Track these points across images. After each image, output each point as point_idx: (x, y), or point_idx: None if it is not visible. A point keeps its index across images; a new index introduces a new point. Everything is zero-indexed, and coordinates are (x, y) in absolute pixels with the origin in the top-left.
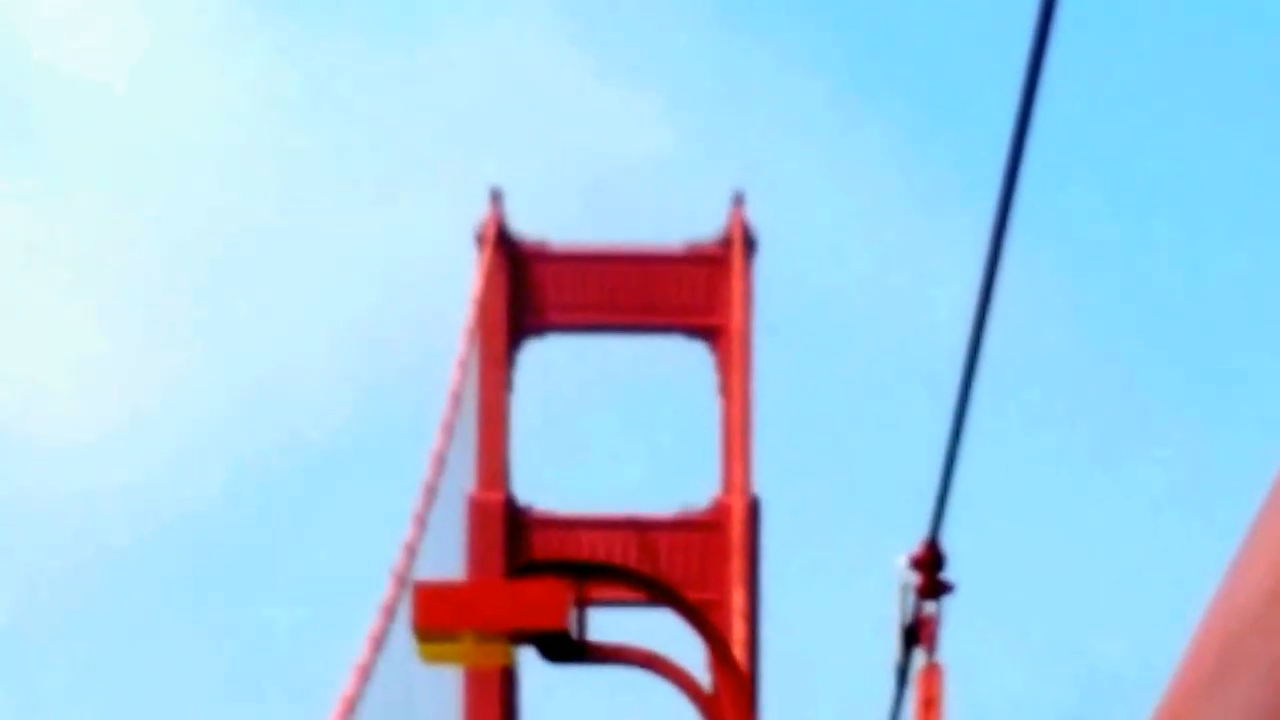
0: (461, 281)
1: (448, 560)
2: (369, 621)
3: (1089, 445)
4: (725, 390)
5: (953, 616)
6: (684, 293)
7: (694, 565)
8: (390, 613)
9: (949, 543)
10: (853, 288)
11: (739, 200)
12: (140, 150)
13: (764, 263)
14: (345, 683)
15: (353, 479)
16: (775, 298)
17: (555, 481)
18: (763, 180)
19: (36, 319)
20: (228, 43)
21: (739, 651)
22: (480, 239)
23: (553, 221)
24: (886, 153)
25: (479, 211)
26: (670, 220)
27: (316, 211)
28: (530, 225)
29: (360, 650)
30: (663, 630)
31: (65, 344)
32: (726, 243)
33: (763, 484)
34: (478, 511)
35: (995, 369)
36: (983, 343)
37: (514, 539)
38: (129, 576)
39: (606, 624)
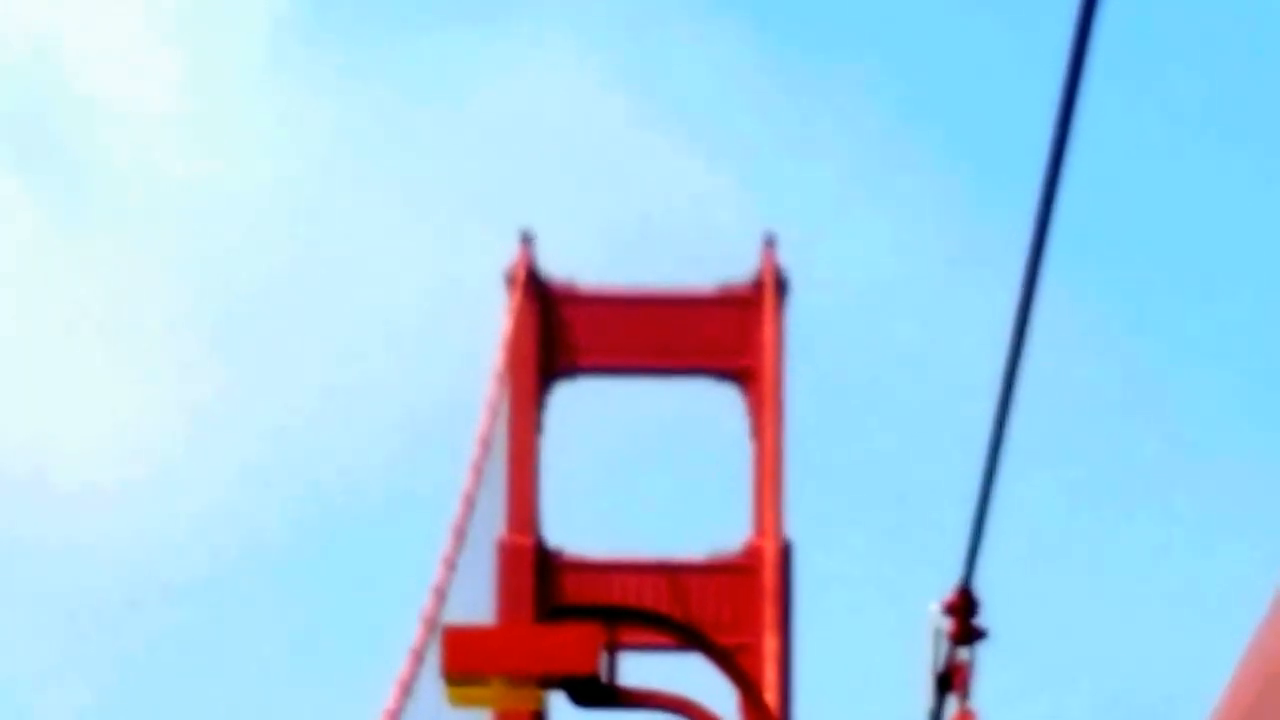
0: (491, 323)
1: (477, 604)
2: (397, 666)
3: (1127, 482)
4: (757, 433)
5: (986, 662)
6: (715, 335)
7: (725, 609)
8: (419, 657)
9: (982, 588)
10: (889, 329)
11: (771, 242)
12: (170, 190)
13: (797, 305)
14: None
15: (380, 522)
16: (809, 340)
17: (586, 525)
18: (799, 224)
19: (60, 363)
20: (264, 84)
21: (771, 696)
22: (510, 281)
23: (583, 263)
24: (930, 198)
25: (508, 253)
26: (702, 262)
27: (345, 251)
28: (560, 267)
29: (388, 695)
30: (694, 675)
31: (89, 389)
32: (758, 285)
33: (795, 527)
34: (507, 555)
35: (1031, 410)
36: (1016, 384)
37: (544, 582)
38: (144, 625)
39: (637, 669)
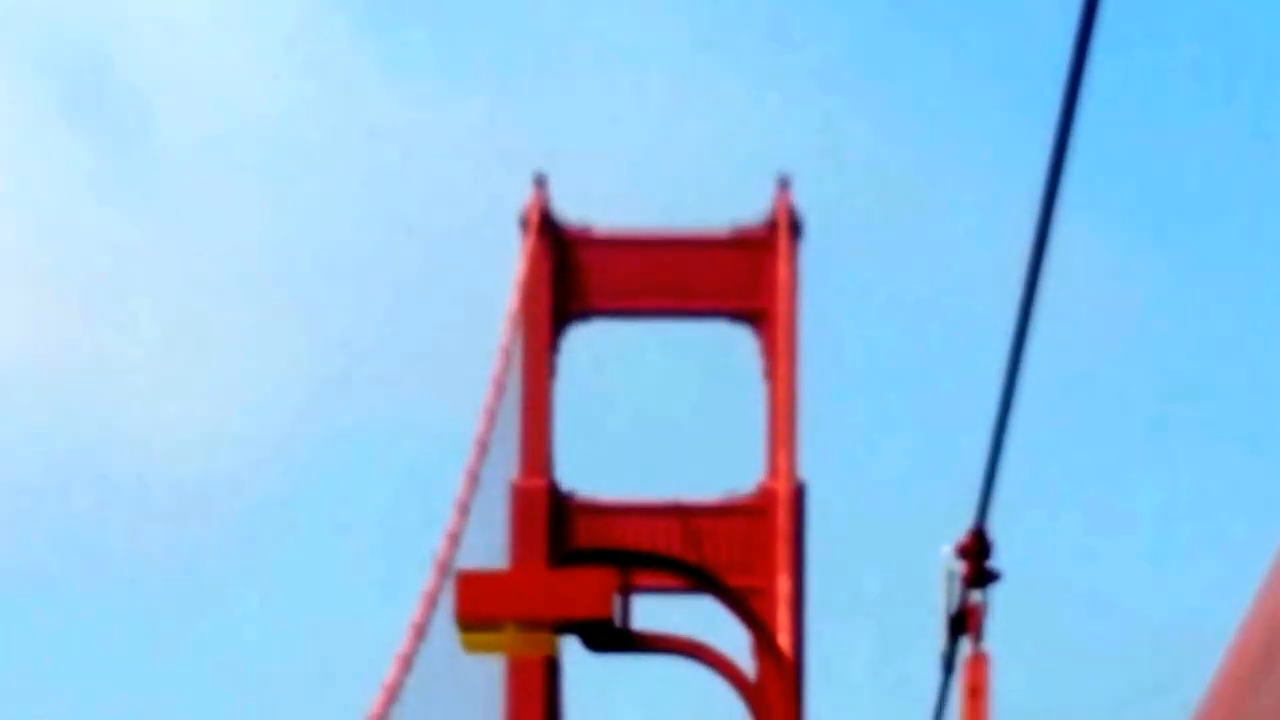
0: (505, 265)
1: (491, 548)
2: (411, 609)
3: (1141, 427)
4: (770, 375)
5: (999, 604)
6: (728, 277)
7: (739, 552)
8: (432, 601)
9: (996, 530)
10: (901, 268)
11: (784, 183)
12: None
13: (811, 246)
14: (387, 671)
15: (393, 464)
16: (823, 281)
17: (599, 467)
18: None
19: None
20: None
21: (784, 639)
22: (524, 223)
23: (597, 205)
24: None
25: (523, 195)
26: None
27: (366, 194)
28: (575, 209)
29: (402, 638)
30: (707, 617)
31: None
32: (772, 226)
33: (809, 469)
34: (521, 498)
35: (1044, 354)
36: (1030, 326)
37: (557, 526)
38: (173, 564)
39: (650, 611)
